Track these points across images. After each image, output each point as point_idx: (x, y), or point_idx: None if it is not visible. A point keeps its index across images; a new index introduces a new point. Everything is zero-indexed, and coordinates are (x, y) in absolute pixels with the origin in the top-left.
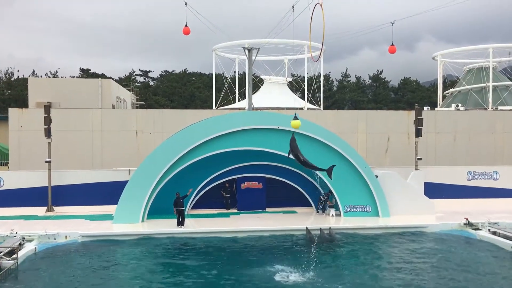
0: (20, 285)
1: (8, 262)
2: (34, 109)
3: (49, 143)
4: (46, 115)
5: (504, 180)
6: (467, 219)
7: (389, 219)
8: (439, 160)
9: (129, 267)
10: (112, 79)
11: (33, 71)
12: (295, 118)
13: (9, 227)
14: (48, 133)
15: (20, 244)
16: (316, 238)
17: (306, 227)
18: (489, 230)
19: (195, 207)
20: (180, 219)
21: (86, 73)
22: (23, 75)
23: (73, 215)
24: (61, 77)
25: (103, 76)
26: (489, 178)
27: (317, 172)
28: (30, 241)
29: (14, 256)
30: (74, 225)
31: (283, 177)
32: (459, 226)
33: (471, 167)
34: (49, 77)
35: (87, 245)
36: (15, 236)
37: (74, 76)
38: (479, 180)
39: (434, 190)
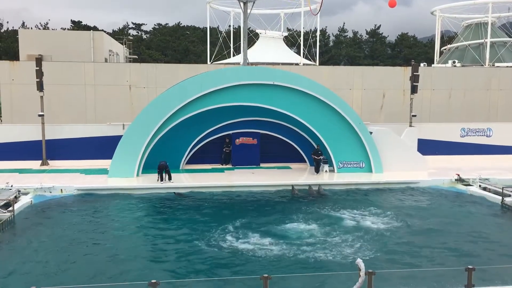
0: (18, 236)
1: (4, 215)
2: (25, 62)
3: (41, 97)
4: (37, 68)
5: (497, 137)
6: (458, 175)
7: (382, 175)
8: (434, 117)
9: (124, 219)
10: (104, 32)
11: (23, 23)
12: None
13: (4, 180)
14: (40, 87)
15: (15, 197)
16: (300, 194)
17: (292, 186)
18: (479, 186)
19: (189, 162)
20: (164, 174)
21: (77, 26)
22: (12, 27)
23: (68, 169)
24: (52, 30)
25: (95, 28)
26: (482, 135)
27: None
28: (26, 194)
29: (10, 208)
30: (69, 179)
31: (278, 133)
32: (451, 182)
33: (465, 124)
34: (39, 29)
35: (82, 199)
36: (10, 189)
37: (65, 29)
38: (472, 137)
39: (427, 147)
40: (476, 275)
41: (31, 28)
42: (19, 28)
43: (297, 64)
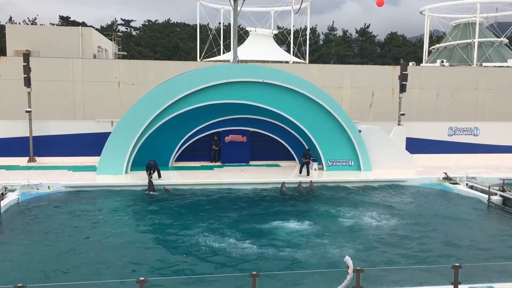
0: (5, 233)
1: None
2: (13, 57)
3: (29, 93)
4: (25, 63)
5: (484, 136)
6: (446, 173)
7: (370, 173)
8: (422, 116)
9: (112, 217)
10: (93, 27)
11: (10, 18)
12: None
13: None
14: (27, 82)
15: (2, 193)
16: (289, 192)
17: (282, 183)
18: (466, 184)
19: (179, 159)
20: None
21: (66, 21)
22: None
23: (55, 166)
24: (40, 25)
25: (83, 24)
26: (469, 134)
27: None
28: (13, 191)
29: None
30: (56, 176)
31: (267, 130)
32: (438, 180)
33: (453, 123)
34: (27, 24)
35: (70, 196)
36: None
37: (53, 24)
38: (459, 136)
39: (416, 145)
40: (462, 272)
41: (19, 23)
42: (6, 23)
43: (287, 62)
